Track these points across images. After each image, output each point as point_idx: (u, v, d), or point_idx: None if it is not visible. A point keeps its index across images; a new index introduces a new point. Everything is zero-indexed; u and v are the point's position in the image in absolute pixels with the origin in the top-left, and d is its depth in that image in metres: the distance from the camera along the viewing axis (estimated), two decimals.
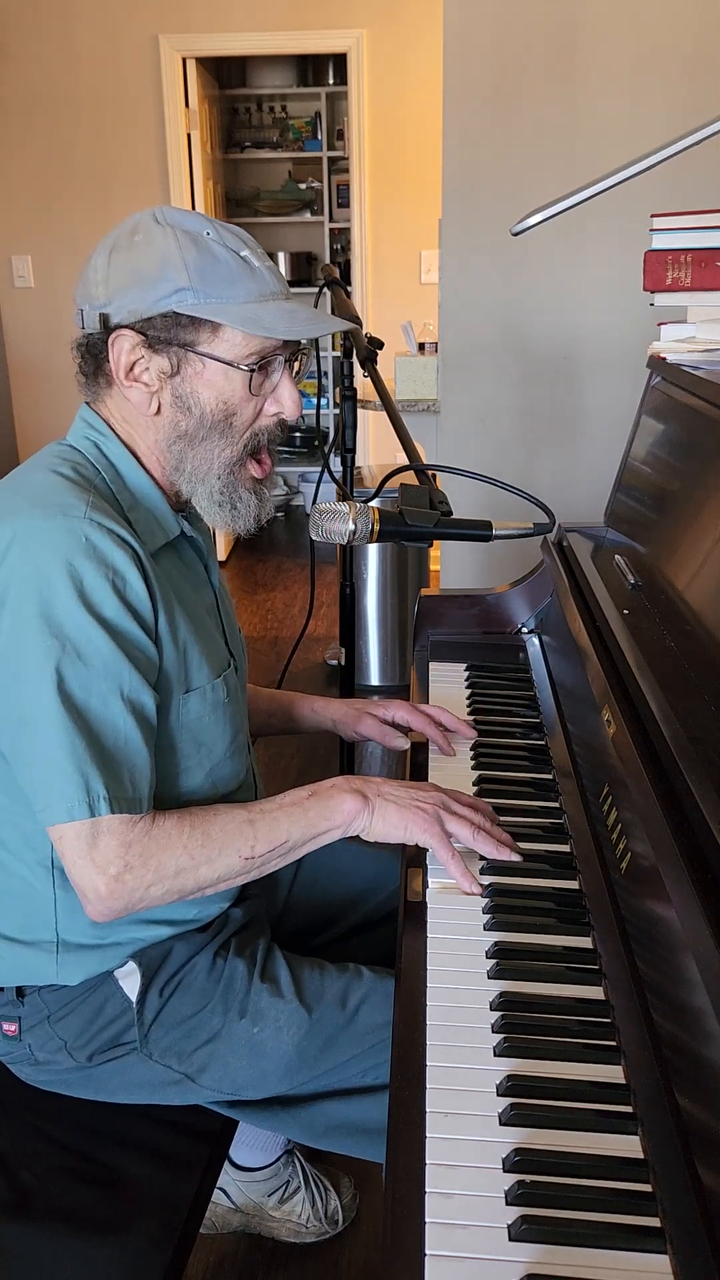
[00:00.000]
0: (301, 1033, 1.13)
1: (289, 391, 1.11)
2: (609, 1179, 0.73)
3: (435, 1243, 0.69)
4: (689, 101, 2.39)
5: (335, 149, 5.94)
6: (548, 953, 0.96)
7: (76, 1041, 1.14)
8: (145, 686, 1.03)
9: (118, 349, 1.06)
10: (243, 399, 1.09)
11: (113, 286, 1.05)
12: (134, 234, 1.06)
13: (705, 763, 0.85)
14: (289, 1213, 1.59)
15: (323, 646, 3.98)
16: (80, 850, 1.00)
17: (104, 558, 1.01)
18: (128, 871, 1.01)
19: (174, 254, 1.04)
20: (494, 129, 2.51)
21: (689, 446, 1.36)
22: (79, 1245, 1.03)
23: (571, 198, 1.35)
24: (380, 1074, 1.13)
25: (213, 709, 1.14)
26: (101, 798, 0.99)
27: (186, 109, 4.87)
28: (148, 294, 1.04)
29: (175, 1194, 1.10)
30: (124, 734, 1.02)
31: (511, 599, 1.65)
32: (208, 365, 1.07)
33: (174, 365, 1.07)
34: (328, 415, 5.83)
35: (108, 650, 1.00)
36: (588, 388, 2.64)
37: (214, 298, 1.04)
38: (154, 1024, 1.14)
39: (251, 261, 1.07)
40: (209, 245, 1.05)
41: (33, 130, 4.81)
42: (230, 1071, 1.14)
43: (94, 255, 1.08)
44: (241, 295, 1.05)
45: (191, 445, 1.10)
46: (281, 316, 1.07)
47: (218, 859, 1.05)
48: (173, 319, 1.04)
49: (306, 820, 1.08)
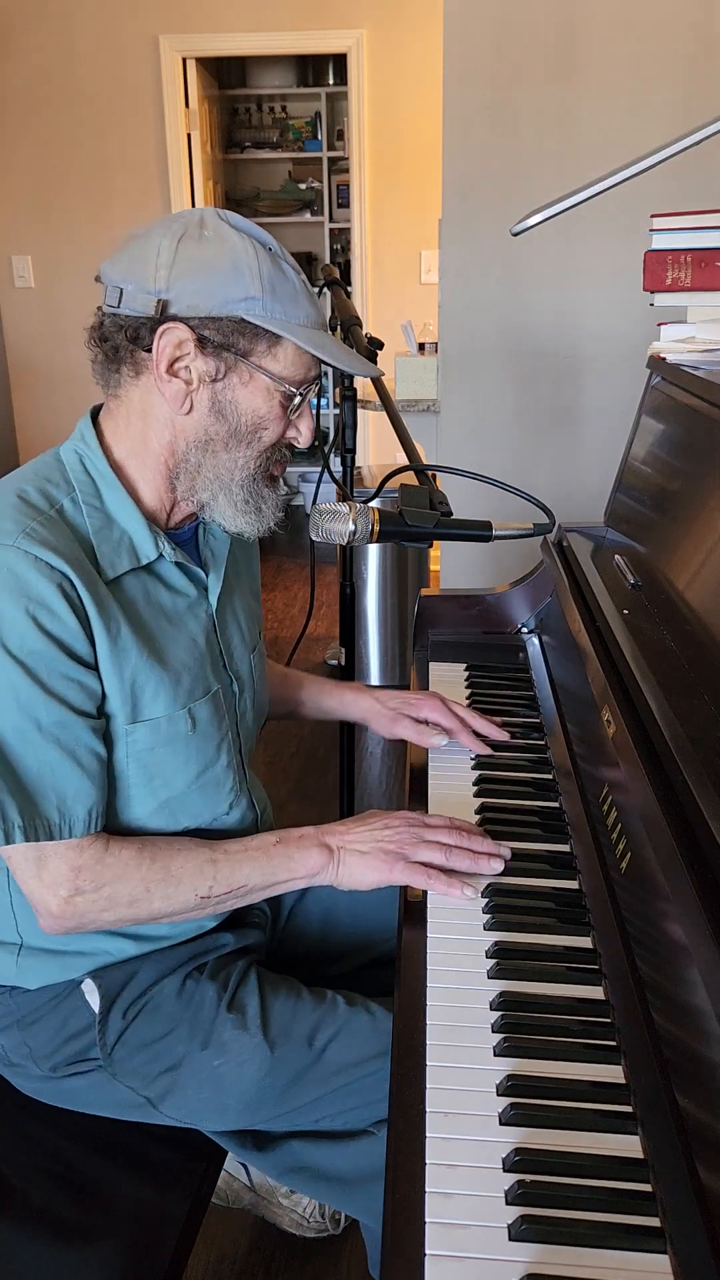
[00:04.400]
0: (263, 1070, 1.10)
1: (308, 421, 1.11)
2: (609, 1179, 0.73)
3: (435, 1243, 0.69)
4: (689, 101, 2.39)
5: (335, 149, 5.94)
6: (548, 953, 0.96)
7: (42, 1050, 1.14)
8: (73, 717, 1.02)
9: (166, 340, 1.02)
10: (275, 417, 1.08)
11: (176, 274, 1.01)
12: (203, 227, 1.03)
13: (705, 763, 0.85)
14: (295, 1204, 1.59)
15: (323, 646, 3.98)
16: (30, 871, 1.03)
17: (25, 589, 0.98)
18: (78, 895, 1.03)
19: (250, 260, 1.02)
20: (494, 129, 2.51)
21: (689, 446, 1.36)
22: (71, 1253, 1.03)
23: (571, 198, 1.35)
24: (350, 1119, 1.11)
25: (168, 741, 1.10)
26: (16, 826, 0.99)
27: (186, 109, 4.87)
28: (217, 293, 1.01)
29: (170, 1208, 1.09)
30: (47, 764, 1.01)
31: (511, 599, 1.65)
32: (255, 378, 1.05)
33: (220, 370, 1.04)
34: (328, 415, 5.83)
35: (21, 685, 0.99)
36: (588, 388, 2.64)
37: (281, 314, 1.03)
38: (117, 1044, 1.12)
39: (309, 286, 1.08)
40: (281, 262, 1.05)
41: (33, 130, 4.81)
42: (190, 1102, 1.12)
43: (153, 236, 1.03)
44: (301, 317, 1.05)
45: (213, 452, 1.07)
46: (334, 347, 1.08)
47: (174, 894, 1.06)
48: (238, 325, 1.02)
49: (269, 867, 1.09)
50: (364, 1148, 1.10)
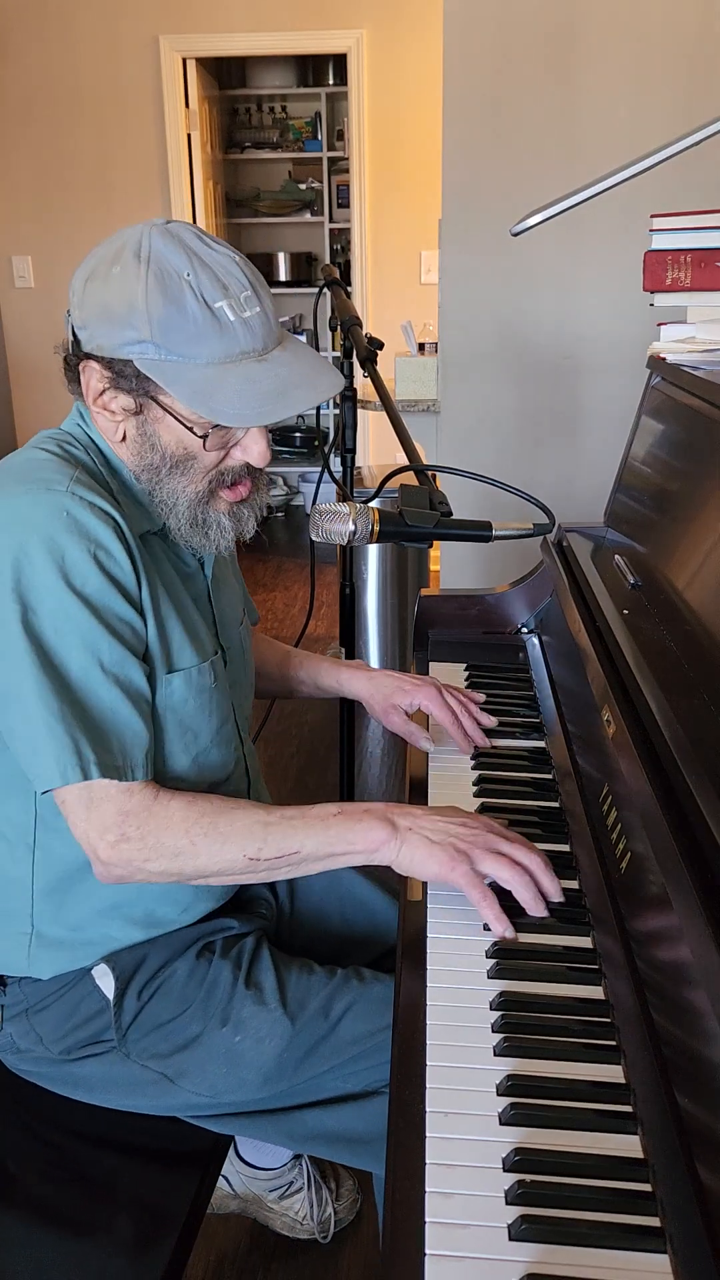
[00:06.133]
0: (284, 1043, 1.11)
1: (258, 444, 1.07)
2: (609, 1179, 0.73)
3: (435, 1242, 0.69)
4: (689, 101, 2.39)
5: (335, 149, 5.94)
6: (548, 952, 0.96)
7: (52, 1036, 1.15)
8: (131, 659, 1.04)
9: (87, 375, 1.06)
10: (203, 449, 1.07)
11: (85, 314, 1.04)
12: (113, 264, 1.02)
13: (705, 763, 0.85)
14: (287, 1208, 1.60)
15: (323, 646, 3.98)
16: (80, 814, 1.03)
17: (86, 531, 1.01)
18: (124, 841, 1.02)
19: (140, 301, 0.99)
20: (494, 129, 2.51)
21: (689, 446, 1.36)
22: (71, 1253, 1.03)
23: (571, 198, 1.35)
24: (359, 1081, 1.13)
25: (198, 693, 1.13)
26: (92, 762, 1.00)
27: (186, 109, 4.88)
28: (113, 335, 1.02)
29: (170, 1208, 1.09)
30: (109, 705, 1.02)
31: (511, 599, 1.65)
32: (164, 417, 1.05)
33: (137, 405, 1.05)
34: (327, 416, 5.83)
35: (86, 624, 1.01)
36: (588, 388, 2.64)
37: (175, 355, 1.00)
38: (132, 1026, 1.14)
39: (225, 315, 1.00)
40: (181, 295, 0.99)
41: (33, 130, 4.81)
42: (208, 1077, 1.13)
43: (78, 269, 1.06)
44: (204, 355, 1.00)
45: (157, 477, 1.08)
46: (240, 388, 1.00)
47: (220, 851, 1.04)
48: (133, 367, 1.02)
49: (325, 836, 1.04)
50: (379, 1106, 1.10)
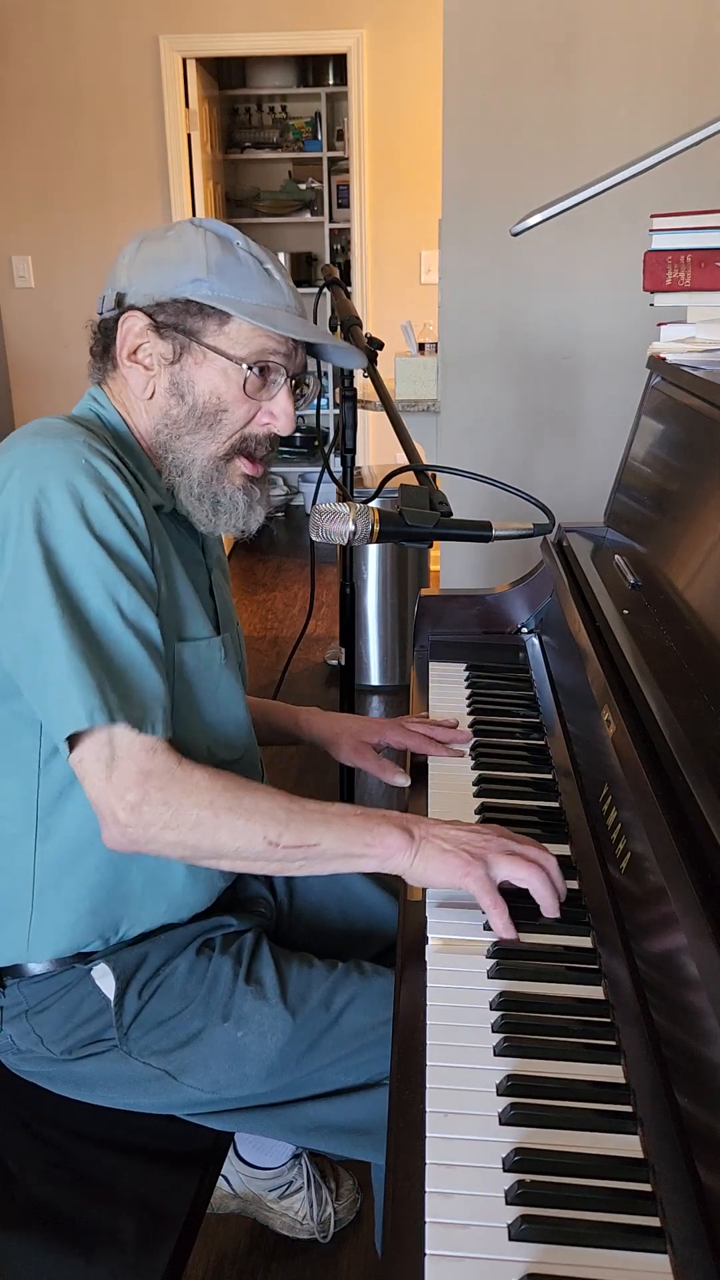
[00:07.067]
0: (285, 1037, 1.11)
1: (284, 406, 1.13)
2: (609, 1179, 0.72)
3: (435, 1242, 0.68)
4: (689, 101, 2.39)
5: (335, 149, 5.94)
6: (548, 953, 0.96)
7: (52, 1036, 1.14)
8: (148, 611, 1.03)
9: (125, 328, 1.10)
10: (236, 399, 1.11)
11: (134, 271, 1.10)
12: (168, 229, 1.12)
13: (705, 763, 0.85)
14: (287, 1208, 1.59)
15: (323, 646, 3.98)
16: (99, 774, 0.99)
17: (103, 479, 1.03)
18: (145, 803, 0.99)
19: (199, 248, 1.08)
20: (494, 129, 2.51)
21: (689, 446, 1.36)
22: (71, 1253, 1.03)
23: (571, 198, 1.35)
24: (360, 1073, 1.13)
25: (207, 666, 1.13)
26: (116, 706, 0.98)
27: (186, 109, 4.87)
28: (166, 280, 1.08)
29: (171, 1205, 1.08)
30: (128, 652, 1.01)
31: (511, 599, 1.65)
32: (208, 357, 1.10)
33: (176, 352, 1.10)
34: (328, 415, 5.83)
35: (106, 569, 1.01)
36: (588, 388, 2.64)
37: (229, 293, 1.08)
38: (133, 1023, 1.13)
39: (273, 273, 1.11)
40: (235, 248, 1.10)
41: (33, 130, 4.81)
42: (211, 1073, 1.13)
43: (127, 245, 1.13)
44: (255, 298, 1.09)
45: (178, 434, 1.12)
46: (291, 322, 1.10)
47: (241, 830, 1.01)
48: (184, 305, 1.08)
49: (346, 834, 1.02)
50: (380, 1096, 1.09)
